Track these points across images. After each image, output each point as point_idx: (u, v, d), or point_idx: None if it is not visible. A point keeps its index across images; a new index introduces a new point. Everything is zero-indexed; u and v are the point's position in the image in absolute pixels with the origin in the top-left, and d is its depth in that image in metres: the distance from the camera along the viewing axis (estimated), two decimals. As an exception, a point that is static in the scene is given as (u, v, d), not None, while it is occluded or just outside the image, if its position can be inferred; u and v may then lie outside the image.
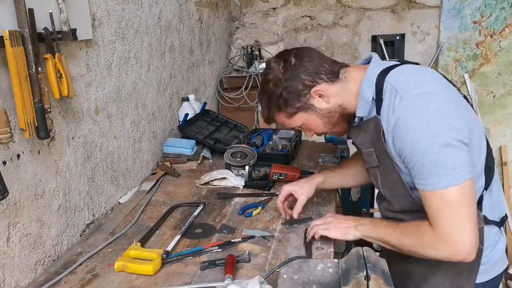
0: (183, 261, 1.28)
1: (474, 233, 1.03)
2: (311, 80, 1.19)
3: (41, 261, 1.29)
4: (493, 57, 3.03)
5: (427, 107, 1.03)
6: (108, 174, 1.66)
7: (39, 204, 1.28)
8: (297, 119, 1.25)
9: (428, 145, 1.02)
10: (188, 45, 2.45)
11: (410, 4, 3.10)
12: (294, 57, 1.20)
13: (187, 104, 2.33)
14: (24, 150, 1.21)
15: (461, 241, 1.03)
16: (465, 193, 1.03)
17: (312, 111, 1.22)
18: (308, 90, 1.19)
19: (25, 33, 1.11)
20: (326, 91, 1.19)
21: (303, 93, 1.20)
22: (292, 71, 1.19)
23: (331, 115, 1.22)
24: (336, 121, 1.23)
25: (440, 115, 1.03)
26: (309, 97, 1.20)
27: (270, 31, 3.34)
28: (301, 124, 1.27)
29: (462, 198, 1.02)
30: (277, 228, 1.47)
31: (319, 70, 1.19)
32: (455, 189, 1.02)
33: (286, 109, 1.23)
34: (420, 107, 1.04)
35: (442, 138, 1.01)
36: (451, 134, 1.02)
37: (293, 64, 1.20)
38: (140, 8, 1.87)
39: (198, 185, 1.85)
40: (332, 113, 1.22)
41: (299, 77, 1.19)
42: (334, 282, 1.02)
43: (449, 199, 1.03)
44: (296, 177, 1.82)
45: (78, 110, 1.46)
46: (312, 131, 1.30)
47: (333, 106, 1.21)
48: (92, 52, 1.52)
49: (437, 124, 1.02)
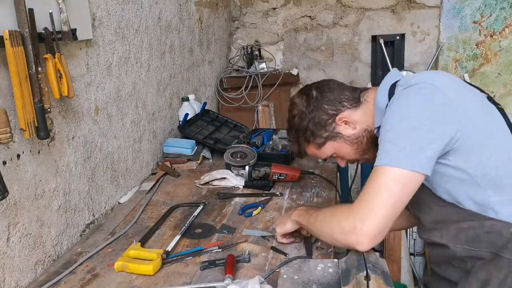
0: (183, 261, 1.28)
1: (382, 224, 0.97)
2: (334, 109, 1.23)
3: (41, 261, 1.29)
4: (493, 57, 3.03)
5: (416, 92, 1.03)
6: (108, 174, 1.66)
7: (39, 204, 1.28)
8: (327, 149, 1.28)
9: (395, 122, 1.01)
10: (188, 45, 2.45)
11: (410, 4, 3.10)
12: (315, 90, 1.26)
13: (187, 104, 2.33)
14: (24, 150, 1.21)
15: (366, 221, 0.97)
16: (399, 181, 0.97)
17: (340, 139, 1.25)
18: (333, 118, 1.23)
19: (25, 33, 1.11)
20: (350, 117, 1.22)
21: (328, 123, 1.24)
22: (315, 102, 1.25)
23: (359, 140, 1.24)
24: (366, 146, 1.24)
25: (425, 101, 1.01)
26: (335, 125, 1.24)
27: (270, 31, 3.34)
28: (332, 153, 1.29)
29: (392, 183, 0.97)
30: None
31: (340, 98, 1.24)
32: (391, 170, 0.98)
33: (314, 140, 1.27)
34: (410, 91, 1.04)
35: (412, 121, 0.99)
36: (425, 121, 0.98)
37: (315, 96, 1.25)
38: (140, 8, 1.87)
39: (198, 185, 1.85)
40: (360, 138, 1.23)
41: (322, 108, 1.24)
42: (334, 282, 1.02)
43: (378, 176, 0.99)
44: (296, 177, 1.83)
45: (78, 110, 1.46)
46: (344, 159, 1.31)
47: (360, 131, 1.23)
48: (92, 52, 1.52)
49: (416, 107, 1.00)
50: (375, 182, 1.00)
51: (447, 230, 1.12)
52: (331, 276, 1.04)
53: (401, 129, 1.00)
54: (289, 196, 1.72)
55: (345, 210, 1.04)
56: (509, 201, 1.05)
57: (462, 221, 1.08)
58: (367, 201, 1.00)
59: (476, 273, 1.08)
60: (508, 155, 1.06)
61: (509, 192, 1.05)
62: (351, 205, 1.02)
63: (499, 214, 1.05)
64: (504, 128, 1.09)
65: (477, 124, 1.03)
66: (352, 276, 0.98)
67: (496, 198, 1.05)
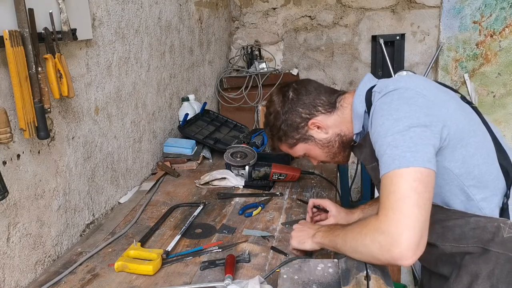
0: (183, 261, 1.28)
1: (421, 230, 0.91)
2: (308, 112, 1.26)
3: (41, 261, 1.29)
4: (493, 57, 3.03)
5: (399, 96, 1.03)
6: (108, 174, 1.66)
7: (39, 204, 1.28)
8: (298, 149, 1.32)
9: (389, 127, 0.99)
10: (188, 45, 2.45)
11: (410, 4, 3.10)
12: (292, 91, 1.28)
13: (187, 104, 2.33)
14: (24, 150, 1.21)
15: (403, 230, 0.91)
16: (418, 178, 0.93)
17: (312, 142, 1.28)
18: (306, 122, 1.26)
19: (25, 33, 1.11)
20: (323, 123, 1.25)
21: (300, 126, 1.27)
22: (290, 104, 1.27)
23: (330, 145, 1.27)
24: (337, 150, 1.28)
25: (410, 103, 1.01)
26: (307, 129, 1.27)
27: (270, 31, 3.34)
28: (303, 154, 1.33)
29: (413, 183, 0.93)
30: (277, 228, 1.47)
31: (316, 103, 1.25)
32: (406, 172, 0.93)
33: (286, 140, 1.31)
34: (392, 96, 1.04)
35: (406, 122, 0.98)
36: (417, 121, 0.98)
37: (290, 98, 1.27)
38: (140, 8, 1.87)
39: (198, 185, 1.85)
40: (332, 142, 1.27)
41: (297, 111, 1.26)
42: (334, 282, 1.02)
43: (398, 181, 0.94)
44: (296, 177, 1.83)
45: (78, 110, 1.46)
46: (316, 160, 1.35)
47: (332, 135, 1.26)
48: (92, 52, 1.52)
49: (404, 110, 1.00)
50: (395, 188, 0.94)
51: (433, 229, 1.09)
52: (331, 276, 1.04)
53: (397, 131, 0.98)
54: (289, 196, 1.72)
55: (375, 225, 0.96)
56: (492, 196, 1.08)
57: (447, 220, 1.10)
58: (396, 209, 0.93)
59: (466, 267, 1.10)
60: (487, 152, 1.09)
61: (491, 189, 1.08)
62: (378, 217, 0.96)
63: (484, 210, 1.08)
64: (481, 127, 1.12)
65: (459, 123, 1.05)
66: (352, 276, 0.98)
67: (480, 196, 1.07)
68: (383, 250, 0.93)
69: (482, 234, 1.07)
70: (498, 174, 1.09)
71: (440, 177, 1.06)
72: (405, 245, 0.90)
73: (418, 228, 0.91)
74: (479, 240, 1.07)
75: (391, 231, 0.92)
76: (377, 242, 0.94)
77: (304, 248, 1.22)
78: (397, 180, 0.94)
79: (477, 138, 1.08)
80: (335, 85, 3.32)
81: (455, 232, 1.10)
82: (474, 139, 1.07)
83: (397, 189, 0.94)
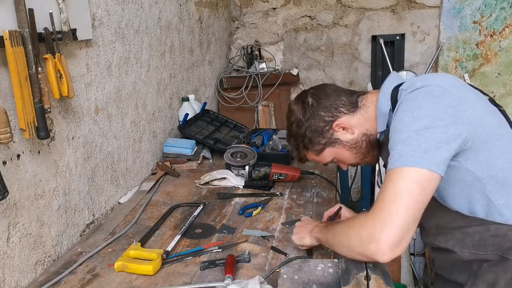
0: (183, 261, 1.28)
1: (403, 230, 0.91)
2: (331, 115, 1.22)
3: (41, 261, 1.29)
4: (493, 57, 3.03)
5: (425, 94, 1.01)
6: (108, 174, 1.66)
7: (39, 204, 1.28)
8: (326, 155, 1.27)
9: (407, 123, 0.97)
10: (188, 45, 2.45)
11: (410, 4, 3.10)
12: (311, 97, 1.26)
13: (187, 104, 2.33)
14: (24, 150, 1.21)
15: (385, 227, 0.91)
16: (418, 180, 0.92)
17: (339, 145, 1.24)
18: (330, 125, 1.23)
19: (25, 33, 1.11)
20: (347, 123, 1.22)
21: (325, 129, 1.23)
22: (311, 110, 1.24)
23: (358, 145, 1.23)
24: (365, 150, 1.24)
25: (436, 102, 0.98)
26: (332, 132, 1.23)
27: (270, 31, 3.34)
28: (332, 159, 1.29)
29: (411, 183, 0.92)
30: (277, 228, 1.47)
31: (337, 104, 1.23)
32: (407, 171, 0.93)
33: (313, 147, 1.27)
34: (418, 93, 1.02)
35: (425, 122, 0.96)
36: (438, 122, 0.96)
37: (310, 103, 1.25)
38: (140, 8, 1.87)
39: (198, 185, 1.85)
40: (359, 143, 1.23)
41: (319, 115, 1.23)
42: (334, 282, 1.02)
43: (396, 179, 0.93)
44: (296, 177, 1.83)
45: (78, 110, 1.46)
46: (345, 163, 1.31)
47: (358, 136, 1.22)
48: (92, 52, 1.52)
49: (427, 108, 0.98)
50: (391, 185, 0.94)
51: (452, 235, 1.11)
52: (331, 276, 1.04)
53: (414, 129, 0.96)
54: (289, 196, 1.72)
55: (362, 219, 0.98)
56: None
57: (467, 227, 1.07)
58: (385, 206, 0.93)
59: (483, 275, 1.07)
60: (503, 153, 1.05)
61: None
62: (368, 212, 0.97)
63: (505, 217, 1.04)
64: (508, 130, 1.09)
65: (486, 125, 1.02)
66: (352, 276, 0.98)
67: (502, 201, 1.04)
68: (362, 243, 0.94)
69: (502, 242, 1.04)
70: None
71: (462, 180, 1.04)
72: (383, 241, 0.91)
73: (400, 228, 0.91)
74: (499, 248, 1.05)
75: (374, 225, 0.93)
76: (359, 236, 0.96)
77: (303, 243, 1.23)
78: (396, 178, 0.94)
79: (503, 141, 1.04)
80: (335, 85, 3.32)
81: (475, 238, 1.07)
82: (500, 142, 1.04)
83: (393, 187, 0.94)
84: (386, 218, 0.92)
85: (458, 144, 0.97)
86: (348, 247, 1.00)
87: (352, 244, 0.98)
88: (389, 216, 0.92)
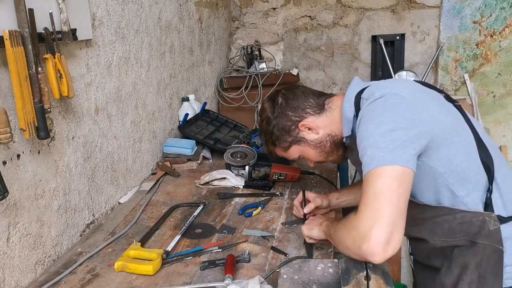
0: (183, 261, 1.28)
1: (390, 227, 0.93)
2: (297, 115, 1.30)
3: (41, 261, 1.29)
4: (493, 57, 3.03)
5: (383, 103, 1.08)
6: (108, 174, 1.66)
7: (39, 204, 1.28)
8: (292, 152, 1.36)
9: (371, 130, 1.04)
10: (188, 45, 2.45)
11: (410, 4, 3.10)
12: (281, 97, 1.34)
13: (187, 104, 2.33)
14: (24, 150, 1.21)
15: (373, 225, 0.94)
16: (393, 176, 0.97)
17: (304, 143, 1.32)
18: (296, 125, 1.30)
19: (25, 33, 1.11)
20: (313, 124, 1.29)
21: (292, 128, 1.31)
22: (280, 109, 1.32)
23: (322, 145, 1.31)
24: (330, 149, 1.32)
25: (393, 109, 1.06)
26: (298, 131, 1.31)
27: (270, 31, 3.34)
28: (298, 156, 1.37)
29: (388, 180, 0.96)
30: (277, 228, 1.47)
31: (304, 105, 1.30)
32: (382, 170, 0.97)
33: (280, 143, 1.35)
34: (377, 104, 1.09)
35: (388, 125, 1.02)
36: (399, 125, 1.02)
37: (280, 103, 1.33)
38: (140, 8, 1.87)
39: (198, 185, 1.85)
40: (323, 142, 1.31)
41: (286, 114, 1.31)
42: (334, 282, 1.02)
43: (373, 180, 0.98)
44: (296, 177, 1.83)
45: (78, 110, 1.46)
46: (311, 161, 1.39)
47: (323, 136, 1.30)
48: (92, 52, 1.52)
49: (387, 115, 1.05)
50: (370, 187, 0.98)
51: (423, 226, 1.19)
52: (331, 276, 1.04)
53: (378, 134, 1.03)
54: (289, 196, 1.72)
55: (352, 219, 1.01)
56: (474, 192, 1.13)
57: (436, 217, 1.15)
58: (369, 205, 0.97)
59: (455, 259, 1.15)
60: (469, 149, 1.14)
61: (473, 184, 1.13)
62: (356, 214, 1.00)
63: (468, 205, 1.13)
64: (463, 125, 1.16)
65: (442, 123, 1.10)
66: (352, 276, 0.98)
67: (463, 192, 1.13)
68: (355, 245, 0.98)
69: (469, 228, 1.12)
70: (480, 170, 1.13)
71: (426, 176, 1.12)
72: (373, 240, 0.93)
73: (387, 224, 0.94)
74: (467, 234, 1.12)
75: (362, 225, 0.96)
76: (351, 236, 1.00)
77: (311, 235, 1.28)
78: (372, 179, 0.99)
79: (460, 136, 1.12)
80: (335, 85, 3.32)
81: (444, 227, 1.15)
82: (457, 138, 1.11)
83: (372, 187, 0.98)
84: (372, 215, 0.96)
85: (421, 144, 1.04)
86: (345, 246, 1.05)
87: (347, 244, 1.02)
88: (375, 213, 0.95)
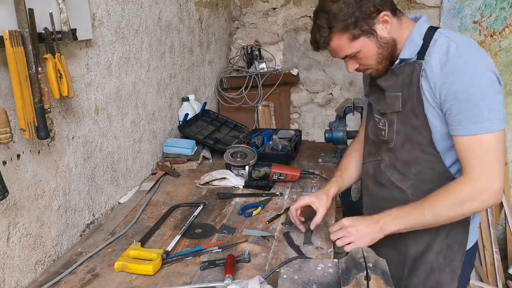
0: (183, 261, 1.28)
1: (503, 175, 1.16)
2: (381, 4, 1.22)
3: (41, 261, 1.29)
4: (493, 57, 3.02)
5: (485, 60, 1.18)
6: (108, 174, 1.66)
7: (39, 204, 1.28)
8: (357, 44, 1.24)
9: (486, 90, 1.14)
10: (188, 45, 2.45)
11: (410, 4, 3.10)
12: None
13: (187, 104, 2.33)
14: (24, 150, 1.21)
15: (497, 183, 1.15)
16: (501, 139, 1.15)
17: (374, 37, 1.24)
18: (378, 13, 1.22)
19: (25, 33, 1.11)
20: (390, 19, 1.24)
21: (372, 16, 1.21)
22: None
23: (387, 46, 1.25)
24: (387, 55, 1.27)
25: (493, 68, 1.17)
26: (375, 21, 1.22)
27: (270, 31, 3.34)
28: (357, 51, 1.26)
29: (498, 144, 1.14)
30: (277, 228, 1.47)
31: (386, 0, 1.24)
32: (497, 135, 1.14)
33: (353, 29, 1.22)
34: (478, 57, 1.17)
35: (496, 87, 1.14)
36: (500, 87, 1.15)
37: None
38: (140, 8, 1.87)
39: (198, 185, 1.85)
40: (388, 44, 1.25)
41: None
42: (334, 282, 1.02)
43: (490, 144, 1.14)
44: (296, 177, 1.83)
45: (78, 110, 1.46)
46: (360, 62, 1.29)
47: (391, 38, 1.25)
48: (92, 52, 1.52)
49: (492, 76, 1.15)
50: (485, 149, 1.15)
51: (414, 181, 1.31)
52: (331, 276, 1.04)
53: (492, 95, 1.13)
54: (289, 196, 1.72)
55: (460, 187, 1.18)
56: None
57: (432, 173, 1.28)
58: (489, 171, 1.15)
59: None
60: None
61: None
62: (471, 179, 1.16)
63: None
64: None
65: None
66: (352, 276, 0.98)
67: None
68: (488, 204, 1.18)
69: None
70: None
71: None
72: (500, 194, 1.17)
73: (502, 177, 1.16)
74: None
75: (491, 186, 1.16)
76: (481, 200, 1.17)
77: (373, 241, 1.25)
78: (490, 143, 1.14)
79: None
80: (335, 85, 3.32)
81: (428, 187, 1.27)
82: None
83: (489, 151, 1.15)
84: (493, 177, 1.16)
85: None
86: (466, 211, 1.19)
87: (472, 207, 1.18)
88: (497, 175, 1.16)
